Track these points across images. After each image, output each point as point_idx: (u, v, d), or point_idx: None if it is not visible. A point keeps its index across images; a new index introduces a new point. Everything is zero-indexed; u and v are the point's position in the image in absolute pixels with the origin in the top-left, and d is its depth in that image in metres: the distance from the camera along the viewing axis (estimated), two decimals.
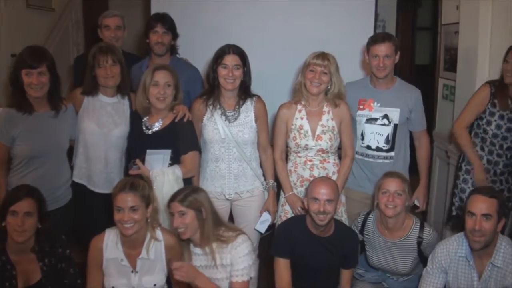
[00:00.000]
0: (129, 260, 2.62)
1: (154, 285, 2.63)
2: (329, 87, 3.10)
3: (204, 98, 3.13)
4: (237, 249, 2.63)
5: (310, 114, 3.14)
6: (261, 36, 4.14)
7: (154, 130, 2.99)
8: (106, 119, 3.08)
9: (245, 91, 3.12)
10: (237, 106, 3.11)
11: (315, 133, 3.12)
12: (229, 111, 3.10)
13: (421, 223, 2.97)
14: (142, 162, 2.90)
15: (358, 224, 3.09)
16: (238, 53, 3.04)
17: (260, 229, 3.19)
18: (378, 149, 3.26)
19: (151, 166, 2.89)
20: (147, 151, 2.89)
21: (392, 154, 3.25)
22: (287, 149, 3.24)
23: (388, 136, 3.24)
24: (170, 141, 2.95)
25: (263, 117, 3.15)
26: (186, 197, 2.60)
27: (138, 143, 3.00)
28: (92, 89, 3.10)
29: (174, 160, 2.95)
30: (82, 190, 3.12)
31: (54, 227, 2.73)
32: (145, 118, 3.03)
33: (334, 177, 3.12)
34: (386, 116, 3.23)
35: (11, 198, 2.55)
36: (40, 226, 2.61)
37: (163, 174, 2.87)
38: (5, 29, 4.35)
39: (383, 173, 3.06)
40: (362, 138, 3.28)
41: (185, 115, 3.01)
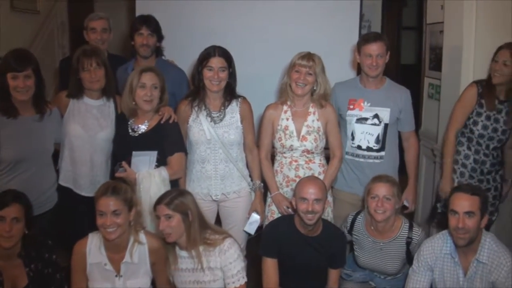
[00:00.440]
0: (113, 264, 2.60)
1: None
2: (315, 88, 3.11)
3: (189, 99, 3.12)
4: (226, 254, 2.63)
5: (296, 115, 3.15)
6: (246, 37, 4.16)
7: (140, 132, 2.98)
8: (91, 122, 3.07)
9: (230, 93, 3.11)
10: (222, 107, 3.10)
11: (300, 133, 3.12)
12: (214, 112, 3.09)
13: (410, 224, 2.99)
14: (129, 164, 2.89)
15: (347, 224, 3.10)
16: (224, 55, 3.03)
17: (249, 230, 3.18)
18: (369, 149, 3.25)
19: (137, 168, 2.88)
20: (133, 153, 2.88)
21: (382, 154, 3.25)
22: (273, 149, 3.24)
23: (378, 136, 3.24)
24: (156, 143, 2.94)
25: (249, 118, 3.16)
26: (173, 200, 2.59)
27: (124, 146, 2.98)
28: (77, 92, 3.08)
29: (161, 162, 2.95)
30: (68, 193, 3.10)
31: (41, 232, 2.72)
32: (131, 121, 3.02)
33: (320, 177, 3.11)
34: (376, 115, 3.23)
35: None
36: (27, 232, 2.59)
37: (150, 176, 2.86)
38: None
39: (374, 173, 3.07)
40: (353, 138, 3.27)
41: (170, 117, 3.00)
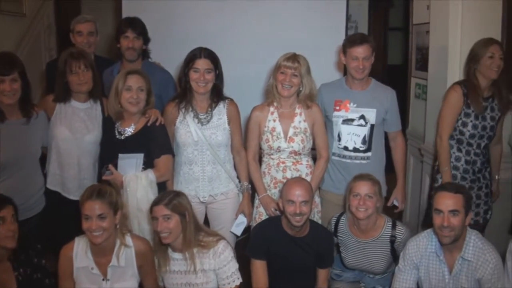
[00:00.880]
0: (99, 268, 2.60)
1: None
2: (300, 89, 3.11)
3: (176, 101, 3.12)
4: (221, 256, 2.66)
5: (283, 116, 3.15)
6: (233, 38, 4.16)
7: (126, 135, 2.98)
8: (78, 125, 3.06)
9: (217, 94, 3.11)
10: (209, 109, 3.10)
11: (287, 135, 3.13)
12: (201, 114, 3.09)
13: (393, 222, 3.00)
14: (115, 167, 2.88)
15: (331, 226, 3.11)
16: (210, 56, 3.03)
17: (236, 231, 3.19)
18: (355, 149, 3.26)
19: (124, 171, 2.88)
20: (119, 156, 2.87)
21: (369, 154, 3.26)
22: (260, 151, 3.25)
23: (365, 136, 3.25)
24: (143, 145, 2.94)
25: (236, 119, 3.16)
26: (171, 200, 2.61)
27: (111, 149, 2.97)
28: (64, 95, 3.07)
29: (148, 164, 2.94)
30: (56, 197, 3.09)
31: (29, 236, 2.70)
32: (117, 124, 3.01)
33: (308, 178, 3.12)
34: (362, 116, 3.24)
35: None
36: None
37: (136, 179, 2.86)
38: None
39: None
40: (339, 139, 3.28)
41: (157, 119, 3.00)
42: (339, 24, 4.15)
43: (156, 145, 2.96)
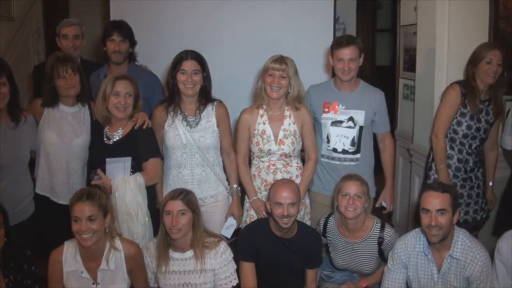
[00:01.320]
0: (89, 272, 2.59)
1: None
2: (289, 90, 3.12)
3: (164, 104, 3.11)
4: (222, 256, 2.72)
5: (272, 119, 3.16)
6: (220, 41, 4.16)
7: (114, 140, 2.97)
8: (67, 129, 3.05)
9: (205, 96, 3.11)
10: (197, 111, 3.10)
11: (278, 137, 3.13)
12: (190, 117, 3.09)
13: (382, 224, 3.01)
14: (104, 172, 2.87)
15: (320, 227, 3.12)
16: (196, 58, 3.04)
17: (226, 234, 3.19)
18: (344, 151, 3.27)
19: (113, 175, 2.87)
20: (107, 160, 2.87)
21: (358, 156, 3.27)
22: (250, 153, 3.25)
23: (353, 138, 3.25)
24: (131, 149, 2.93)
25: (225, 121, 3.16)
26: (186, 196, 2.67)
27: (99, 154, 2.97)
28: (52, 100, 3.06)
29: (136, 168, 2.94)
30: (45, 202, 3.08)
31: (18, 242, 2.69)
32: (106, 128, 3.01)
33: (298, 180, 3.15)
34: (351, 118, 3.24)
35: None
36: (6, 240, 2.55)
37: (125, 183, 2.85)
38: None
39: None
40: (328, 141, 3.28)
41: (144, 122, 3.00)
42: (327, 25, 4.16)
43: (144, 148, 2.96)
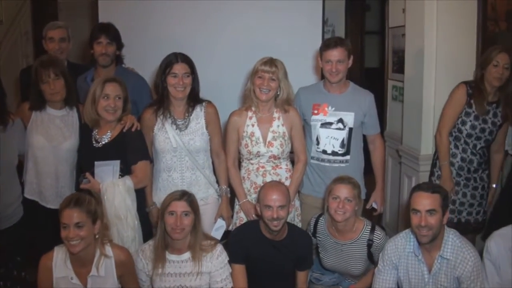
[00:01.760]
0: (79, 278, 2.57)
1: None
2: (278, 93, 3.12)
3: (154, 108, 3.10)
4: (218, 259, 2.74)
5: (261, 121, 3.16)
6: (209, 43, 4.14)
7: (103, 143, 2.95)
8: (55, 132, 3.03)
9: (194, 98, 3.11)
10: (186, 114, 3.09)
11: (266, 139, 3.13)
12: (179, 120, 3.08)
13: (372, 226, 3.01)
14: (92, 175, 2.86)
15: (310, 228, 3.13)
16: (186, 60, 3.03)
17: (216, 236, 3.16)
18: (334, 153, 3.27)
19: (101, 178, 2.85)
20: (95, 163, 2.85)
21: (347, 157, 3.28)
22: (240, 156, 3.24)
23: (343, 140, 3.26)
24: (120, 152, 2.92)
25: (215, 122, 3.15)
26: (190, 197, 2.69)
27: (88, 157, 2.95)
28: (39, 104, 3.05)
29: (125, 171, 2.92)
30: (34, 206, 3.06)
31: (7, 246, 2.67)
32: (94, 131, 2.99)
33: (287, 182, 3.15)
34: (341, 120, 3.25)
35: None
36: None
37: (114, 186, 2.84)
38: None
39: None
40: (318, 143, 3.29)
41: (133, 125, 2.98)
42: (316, 28, 4.15)
43: (133, 151, 2.95)
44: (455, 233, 2.69)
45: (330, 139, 3.27)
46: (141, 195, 3.00)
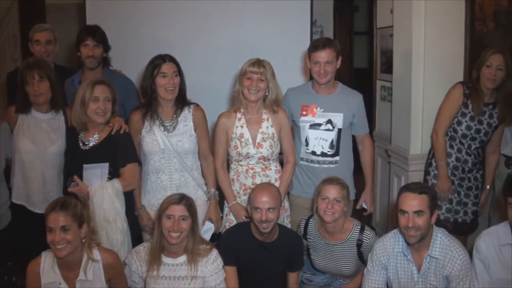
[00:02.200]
0: (67, 282, 2.54)
1: None
2: (266, 94, 3.12)
3: (141, 110, 3.08)
4: (214, 264, 2.73)
5: (250, 122, 3.15)
6: (195, 45, 4.13)
7: (90, 145, 2.94)
8: (41, 136, 3.01)
9: (182, 100, 3.10)
10: (174, 116, 3.08)
11: (256, 141, 3.13)
12: (167, 122, 3.07)
13: (362, 226, 3.02)
14: (80, 178, 2.84)
15: (301, 229, 3.12)
16: (173, 60, 3.03)
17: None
18: (323, 154, 3.27)
19: (90, 181, 2.84)
20: (84, 166, 2.83)
21: (337, 158, 3.27)
22: (228, 157, 3.23)
23: (332, 141, 3.25)
24: (108, 155, 2.90)
25: (203, 125, 3.14)
26: (188, 201, 2.68)
27: (75, 160, 2.93)
28: (24, 106, 3.02)
29: (114, 174, 2.91)
30: (21, 211, 3.03)
31: None
32: (81, 134, 2.97)
33: (277, 183, 3.14)
34: (329, 121, 3.25)
35: None
36: None
37: (102, 189, 2.82)
38: None
39: None
40: (307, 144, 3.28)
41: (121, 127, 2.97)
42: (304, 29, 4.14)
43: (121, 154, 2.94)
44: (444, 232, 2.69)
45: (319, 140, 3.26)
46: (129, 198, 2.98)
